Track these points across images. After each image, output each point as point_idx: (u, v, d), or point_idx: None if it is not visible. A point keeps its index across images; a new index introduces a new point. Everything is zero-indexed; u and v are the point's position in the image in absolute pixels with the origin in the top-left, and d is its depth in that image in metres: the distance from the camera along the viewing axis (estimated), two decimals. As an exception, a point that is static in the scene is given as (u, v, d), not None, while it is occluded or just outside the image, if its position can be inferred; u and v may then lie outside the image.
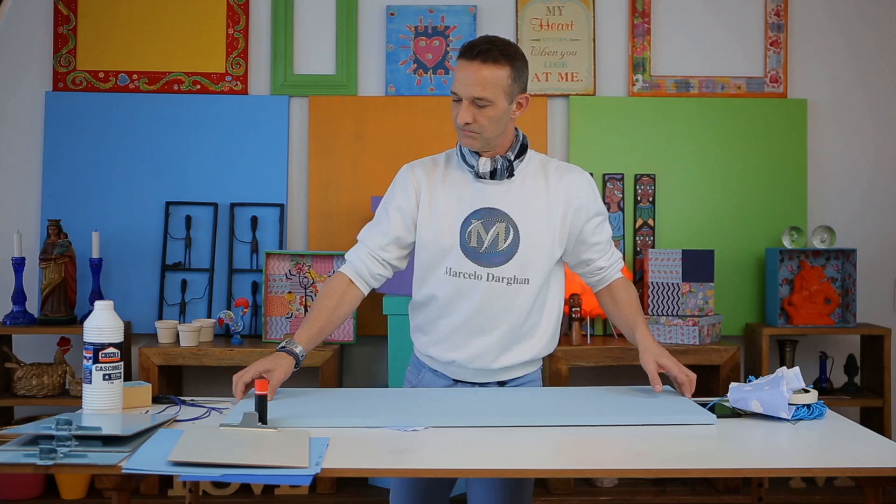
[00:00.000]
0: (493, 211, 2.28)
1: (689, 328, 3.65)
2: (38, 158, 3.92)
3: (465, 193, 2.30)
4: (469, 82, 2.20)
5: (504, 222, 2.28)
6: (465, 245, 2.27)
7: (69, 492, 3.62)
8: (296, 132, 3.98)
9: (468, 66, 2.20)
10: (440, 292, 2.31)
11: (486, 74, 2.19)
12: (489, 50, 2.20)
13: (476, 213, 2.28)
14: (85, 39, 3.93)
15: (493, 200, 2.29)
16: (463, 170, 2.33)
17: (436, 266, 2.31)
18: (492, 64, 2.20)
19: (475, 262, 2.27)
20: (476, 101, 2.20)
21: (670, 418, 2.04)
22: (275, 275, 3.79)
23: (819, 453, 1.88)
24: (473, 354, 2.31)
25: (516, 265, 2.28)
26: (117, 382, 2.11)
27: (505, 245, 2.27)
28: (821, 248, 3.80)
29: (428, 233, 2.31)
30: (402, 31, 3.97)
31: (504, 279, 2.28)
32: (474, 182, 2.31)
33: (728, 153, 3.99)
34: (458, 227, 2.28)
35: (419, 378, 2.42)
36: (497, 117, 2.23)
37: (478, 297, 2.28)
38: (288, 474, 1.66)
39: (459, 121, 2.22)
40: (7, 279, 3.79)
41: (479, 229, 2.28)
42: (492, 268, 2.27)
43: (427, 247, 2.32)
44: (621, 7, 4.03)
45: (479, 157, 2.29)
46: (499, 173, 2.29)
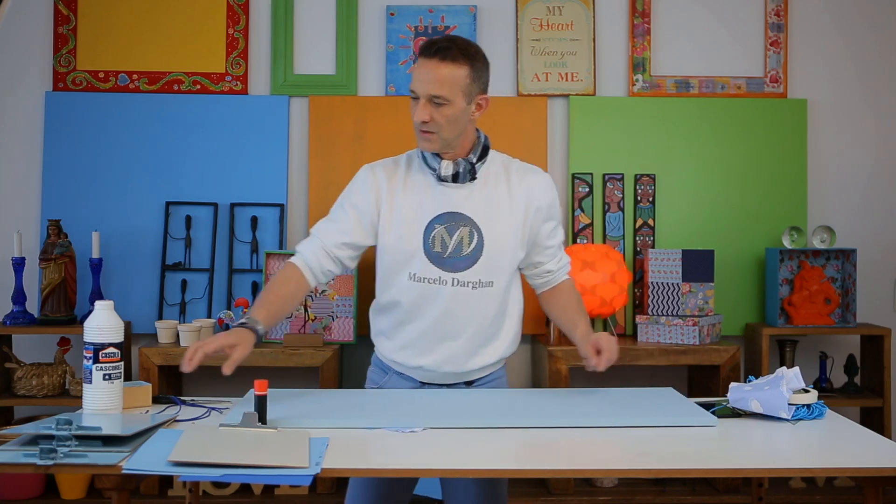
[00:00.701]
0: (456, 215, 2.26)
1: (689, 328, 3.65)
2: (38, 158, 3.92)
3: (428, 197, 2.27)
4: (427, 80, 2.18)
5: (468, 226, 2.26)
6: (428, 250, 2.25)
7: (69, 492, 3.62)
8: (296, 132, 3.98)
9: (427, 63, 2.19)
10: (404, 298, 2.29)
11: (445, 73, 2.18)
12: (448, 48, 2.19)
13: (439, 218, 2.26)
14: (85, 39, 3.93)
15: (456, 204, 2.27)
16: (425, 172, 2.30)
17: (399, 271, 2.29)
18: (450, 62, 2.19)
19: (440, 267, 2.25)
20: (434, 99, 2.19)
21: (671, 420, 2.04)
22: (275, 275, 3.78)
23: (819, 453, 1.88)
24: (441, 360, 2.30)
25: (481, 269, 2.26)
26: (117, 382, 2.11)
27: (469, 249, 2.26)
28: (821, 248, 3.80)
29: (390, 237, 2.28)
30: (402, 31, 3.97)
31: (469, 283, 2.26)
32: (436, 185, 2.28)
33: (728, 153, 3.99)
34: (422, 232, 2.25)
35: (385, 380, 2.41)
36: (454, 117, 2.21)
37: (443, 303, 2.26)
38: (288, 474, 1.66)
39: (417, 119, 2.21)
40: (7, 279, 3.79)
41: (443, 234, 2.25)
42: (456, 273, 2.26)
43: (390, 251, 2.29)
44: (621, 7, 4.03)
45: (441, 160, 2.26)
46: (461, 176, 2.27)
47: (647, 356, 3.61)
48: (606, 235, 3.95)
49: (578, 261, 3.72)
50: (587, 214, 3.94)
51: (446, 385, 2.35)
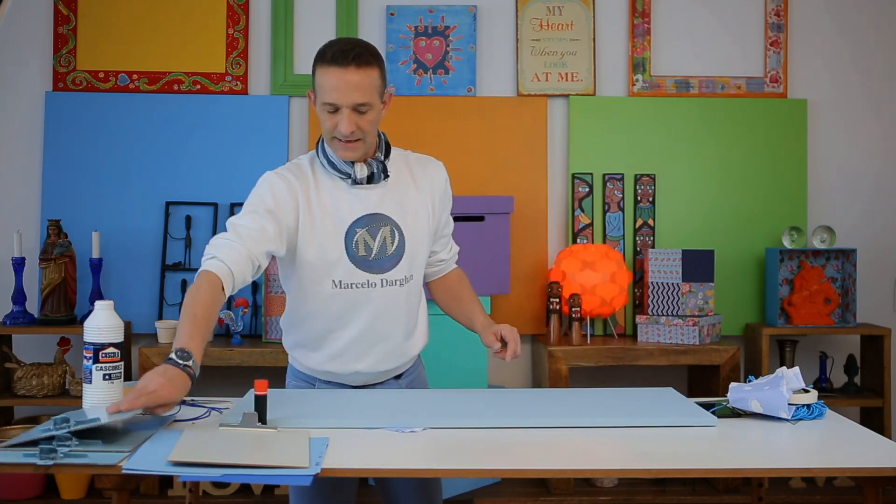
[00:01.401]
0: (375, 216, 2.23)
1: (689, 328, 3.65)
2: (38, 158, 3.92)
3: (343, 202, 2.22)
4: (348, 89, 2.11)
5: (388, 225, 2.24)
6: (353, 255, 2.21)
7: (69, 492, 3.62)
8: (296, 132, 3.98)
9: (344, 72, 2.11)
10: (329, 306, 2.24)
11: (364, 79, 2.13)
12: (362, 53, 2.13)
13: (359, 221, 2.22)
14: (85, 39, 3.93)
15: (374, 205, 2.23)
16: (332, 177, 2.24)
17: (319, 281, 2.22)
18: (366, 67, 2.13)
19: (366, 270, 2.22)
20: (358, 107, 2.14)
21: (671, 420, 2.04)
22: (275, 274, 3.79)
23: (819, 453, 1.88)
24: (377, 360, 2.30)
25: (405, 265, 2.26)
26: (117, 382, 2.11)
27: (393, 248, 2.24)
28: (821, 248, 3.80)
29: (311, 249, 2.20)
30: (402, 31, 3.97)
31: (397, 281, 2.26)
32: (349, 189, 2.23)
33: (728, 153, 3.99)
34: (343, 238, 2.21)
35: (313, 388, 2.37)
36: (376, 120, 2.19)
37: (374, 305, 2.24)
38: (288, 474, 1.66)
39: (345, 131, 2.14)
40: (7, 279, 3.79)
41: (366, 237, 2.22)
42: (384, 273, 2.24)
43: (310, 263, 2.21)
44: (621, 7, 4.03)
45: (354, 164, 2.21)
46: (376, 177, 2.23)
47: (647, 356, 3.61)
48: (606, 235, 3.95)
49: (578, 261, 3.72)
50: (587, 214, 3.94)
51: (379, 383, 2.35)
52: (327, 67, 2.13)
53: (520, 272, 3.91)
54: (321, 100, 2.16)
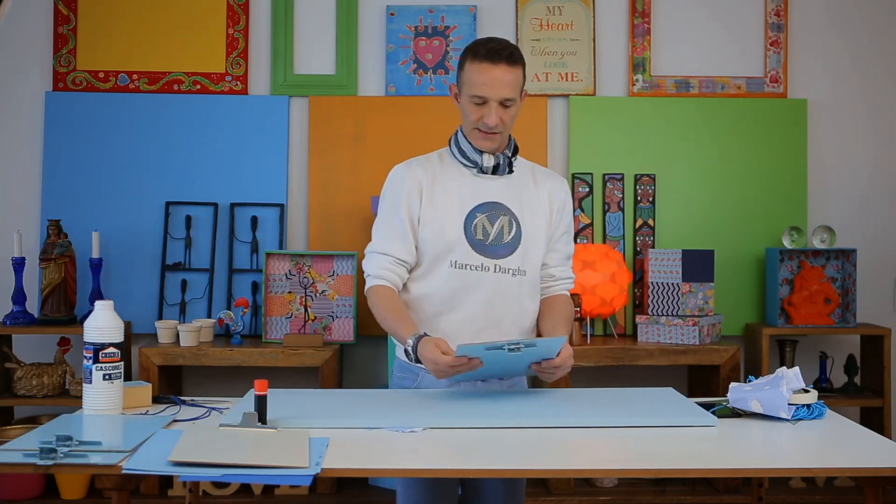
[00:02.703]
0: (496, 205, 2.35)
1: (689, 328, 3.65)
2: (38, 158, 3.92)
3: (466, 188, 2.36)
4: (499, 84, 2.27)
5: (507, 215, 2.35)
6: (471, 238, 2.32)
7: (69, 492, 3.62)
8: (296, 132, 3.98)
9: (495, 68, 2.27)
10: (444, 287, 2.32)
11: (514, 76, 2.28)
12: (512, 52, 2.29)
13: (480, 207, 2.34)
14: (85, 39, 3.93)
15: (495, 194, 2.36)
16: (459, 167, 2.38)
17: (438, 261, 2.33)
18: (514, 65, 2.29)
19: (482, 254, 2.32)
20: (504, 101, 2.28)
21: (671, 420, 2.04)
22: (275, 275, 3.79)
23: (819, 453, 1.88)
24: None
25: (518, 257, 2.34)
26: (117, 382, 2.11)
27: (509, 237, 2.34)
28: (821, 248, 3.80)
29: (430, 229, 2.33)
30: (402, 31, 3.97)
31: (510, 270, 2.33)
32: (474, 177, 2.37)
33: (728, 153, 3.99)
34: (463, 221, 2.32)
35: (417, 383, 2.40)
36: (515, 114, 2.34)
37: (486, 289, 2.31)
38: (288, 474, 1.66)
39: (491, 123, 2.29)
40: (7, 279, 3.79)
41: (485, 222, 2.33)
42: (498, 259, 2.33)
43: (431, 241, 2.33)
44: (621, 7, 4.03)
45: (482, 153, 2.35)
46: (501, 168, 2.36)
47: (647, 356, 3.61)
48: (606, 235, 3.95)
49: (578, 261, 3.72)
50: (587, 214, 3.94)
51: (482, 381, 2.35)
52: (480, 63, 2.28)
53: (520, 272, 3.90)
54: (470, 92, 2.30)
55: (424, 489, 2.34)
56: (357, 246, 3.87)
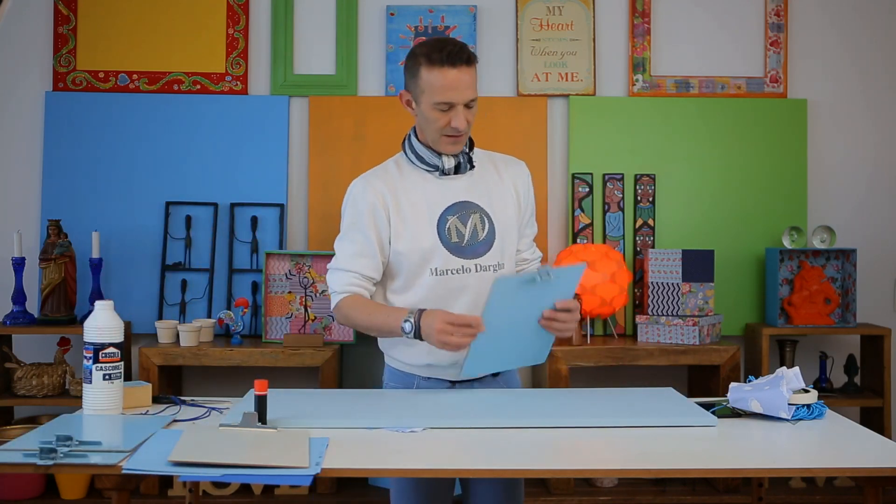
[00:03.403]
0: (465, 204, 2.33)
1: (689, 328, 3.65)
2: (38, 158, 3.92)
3: (431, 192, 2.33)
4: (464, 87, 2.25)
5: (477, 213, 2.33)
6: (447, 242, 2.30)
7: (69, 492, 3.62)
8: (296, 132, 3.98)
9: (457, 72, 2.24)
10: (428, 295, 2.29)
11: (473, 76, 2.27)
12: (468, 53, 2.27)
13: (449, 209, 2.32)
14: (85, 39, 3.93)
15: (462, 194, 2.34)
16: (419, 171, 2.35)
17: (418, 271, 2.30)
18: (472, 64, 2.28)
19: (460, 256, 2.30)
20: (469, 103, 2.27)
21: (671, 420, 2.04)
22: (275, 275, 3.79)
23: (819, 453, 1.88)
24: None
25: (496, 252, 2.34)
26: (117, 382, 2.11)
27: (484, 234, 2.33)
28: (821, 248, 3.80)
29: (403, 242, 2.30)
30: (402, 31, 3.97)
31: (490, 267, 2.32)
32: (436, 180, 2.34)
33: (728, 153, 3.99)
34: (435, 227, 2.30)
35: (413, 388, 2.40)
36: (475, 113, 2.32)
37: (471, 291, 2.30)
38: (288, 474, 1.66)
39: (461, 127, 2.26)
40: (7, 279, 3.79)
41: (457, 224, 2.31)
42: (477, 258, 2.31)
43: (406, 255, 2.30)
44: (621, 7, 4.03)
45: (441, 155, 2.33)
46: (462, 167, 2.34)
47: (647, 356, 3.61)
48: (606, 235, 3.95)
49: (578, 261, 3.72)
50: (587, 214, 3.94)
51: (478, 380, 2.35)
52: (441, 68, 2.25)
53: (520, 272, 3.90)
54: (434, 99, 2.26)
55: (418, 490, 2.34)
56: (357, 246, 3.87)
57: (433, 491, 2.35)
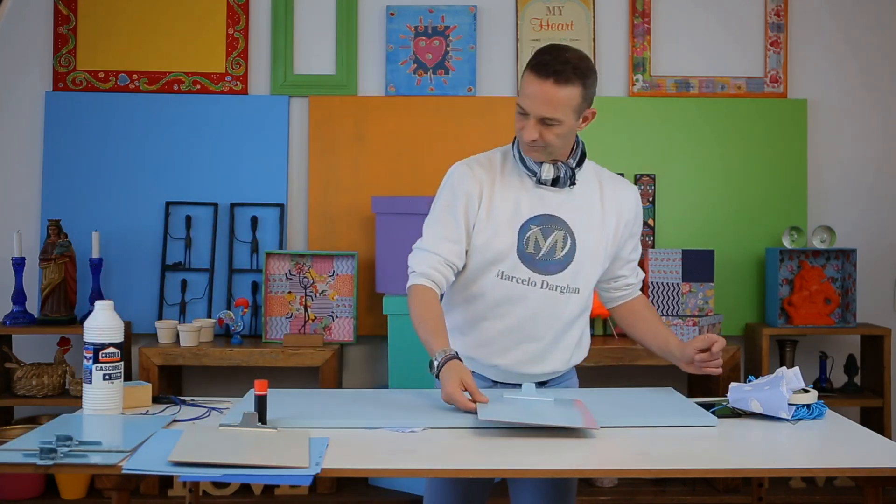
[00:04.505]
0: (552, 218, 2.24)
1: (689, 328, 3.65)
2: (38, 158, 3.92)
3: (524, 198, 2.25)
4: (540, 101, 2.13)
5: (563, 230, 2.24)
6: (522, 250, 2.22)
7: (69, 492, 3.62)
8: (296, 132, 3.98)
9: (540, 84, 2.13)
10: (489, 294, 2.25)
11: (559, 95, 2.12)
12: (563, 71, 2.12)
13: (535, 219, 2.24)
14: (85, 39, 3.93)
15: (553, 207, 2.25)
16: (520, 173, 2.27)
17: (487, 268, 2.25)
18: (564, 84, 2.12)
19: (531, 268, 2.23)
20: (545, 120, 2.15)
21: (671, 420, 2.04)
22: (275, 275, 3.79)
23: (819, 453, 1.88)
24: (518, 361, 2.28)
25: (570, 274, 2.24)
26: (117, 382, 2.11)
27: (562, 254, 2.24)
28: (821, 248, 3.80)
29: (484, 235, 2.24)
30: (402, 31, 3.97)
31: (558, 288, 2.24)
32: (534, 187, 2.25)
33: (728, 153, 3.99)
34: (517, 232, 2.23)
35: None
36: (564, 134, 2.19)
37: (530, 304, 2.24)
38: (288, 474, 1.66)
39: (526, 138, 2.17)
40: (7, 279, 3.79)
41: (538, 235, 2.23)
42: (547, 275, 2.23)
43: (481, 249, 2.25)
44: (621, 7, 4.03)
45: (542, 164, 2.23)
46: (562, 181, 2.24)
47: (648, 356, 3.61)
48: (606, 235, 3.95)
49: (578, 261, 3.72)
50: (587, 214, 3.94)
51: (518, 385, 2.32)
52: (529, 73, 2.16)
53: (520, 272, 3.90)
54: (518, 101, 2.19)
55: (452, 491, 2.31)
56: (357, 246, 3.87)
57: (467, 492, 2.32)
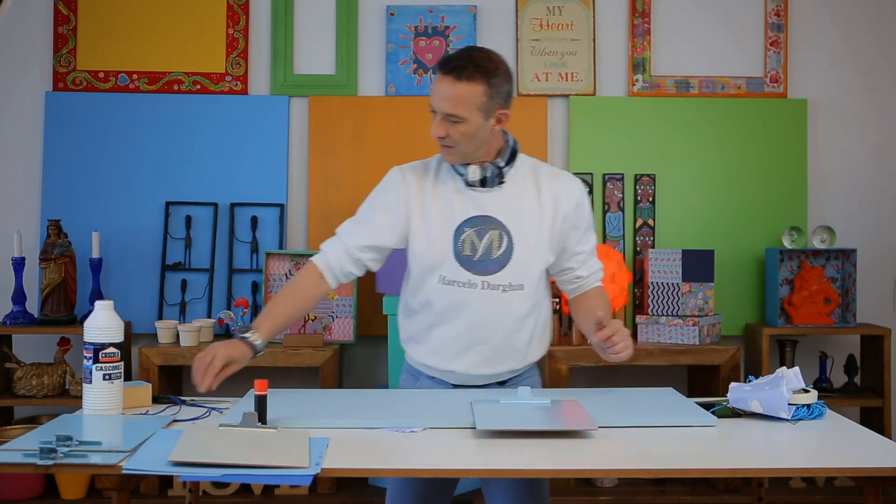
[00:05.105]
0: (485, 219, 2.26)
1: (689, 328, 3.65)
2: (38, 158, 3.92)
3: (457, 201, 2.27)
4: (442, 98, 2.18)
5: (497, 230, 2.25)
6: (458, 254, 2.25)
7: (69, 492, 3.62)
8: (296, 132, 3.98)
9: (443, 80, 2.18)
10: (435, 301, 2.28)
11: (459, 91, 2.16)
12: (464, 66, 2.16)
13: (469, 221, 2.26)
14: (85, 39, 3.93)
15: (485, 208, 2.26)
16: (454, 177, 2.29)
17: (428, 275, 2.28)
18: (465, 81, 2.16)
19: (470, 270, 2.25)
20: (449, 117, 2.18)
21: (671, 420, 2.04)
22: (275, 275, 3.79)
23: (819, 453, 1.88)
24: (471, 363, 2.30)
25: (510, 272, 2.25)
26: (117, 382, 2.11)
27: (499, 253, 2.25)
28: (821, 248, 3.80)
29: (420, 243, 2.28)
30: (402, 31, 3.97)
31: (500, 287, 2.26)
32: (465, 189, 2.27)
33: (728, 153, 3.99)
34: (451, 236, 2.25)
35: (416, 386, 2.40)
36: (471, 133, 2.20)
37: (475, 306, 2.25)
38: (288, 474, 1.66)
39: (433, 134, 2.21)
40: (7, 279, 3.79)
41: (473, 237, 2.25)
42: (486, 276, 2.25)
43: (420, 256, 2.29)
44: (621, 7, 4.03)
45: (469, 165, 2.25)
46: (489, 181, 2.26)
47: (647, 356, 3.61)
48: (606, 235, 3.95)
49: (578, 261, 3.72)
50: (587, 214, 3.94)
51: (479, 386, 2.34)
52: (437, 71, 2.21)
53: (520, 272, 3.90)
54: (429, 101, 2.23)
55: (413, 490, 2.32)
56: (357, 246, 3.87)
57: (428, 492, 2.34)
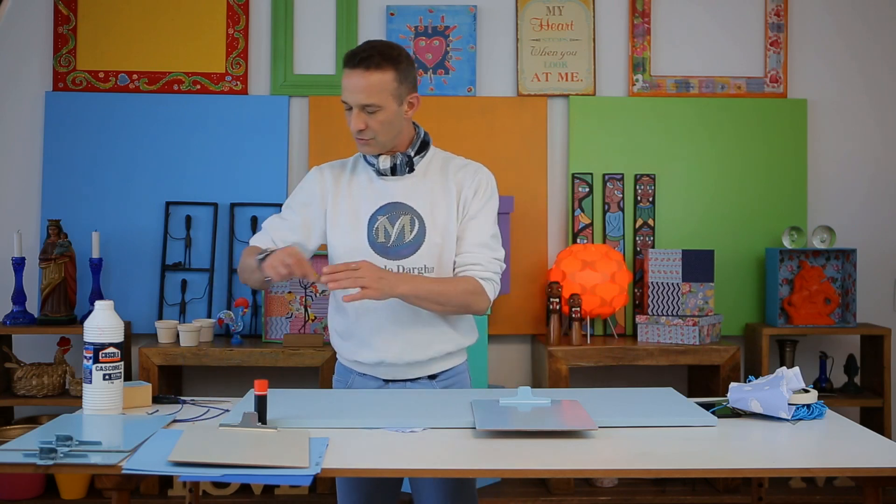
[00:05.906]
0: (396, 205, 2.34)
1: (689, 328, 3.65)
2: (38, 158, 3.92)
3: (370, 192, 2.36)
4: (356, 90, 2.24)
5: (409, 214, 2.34)
6: (373, 241, 2.33)
7: (69, 492, 3.62)
8: (296, 132, 3.98)
9: (353, 74, 2.25)
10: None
11: (371, 81, 2.24)
12: (371, 56, 2.24)
13: (381, 210, 2.35)
14: (85, 39, 3.93)
15: (396, 195, 2.35)
16: (367, 170, 2.39)
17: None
18: (375, 70, 2.24)
19: (384, 256, 2.32)
20: (366, 108, 2.25)
21: (671, 420, 2.04)
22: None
23: (819, 453, 1.88)
24: (400, 350, 2.32)
25: (423, 255, 2.32)
26: (117, 382, 2.11)
27: (411, 236, 2.33)
28: (821, 248, 3.80)
29: (336, 235, 2.37)
30: (402, 31, 3.97)
31: (415, 269, 2.32)
32: (377, 180, 2.37)
33: (728, 153, 3.99)
34: (365, 225, 2.34)
35: (348, 384, 2.42)
36: (389, 121, 2.28)
37: None
38: (288, 474, 1.66)
39: (352, 128, 2.28)
40: (7, 279, 3.79)
41: (385, 224, 2.34)
42: (401, 259, 2.32)
43: (336, 247, 2.38)
44: (621, 7, 4.03)
45: (379, 156, 2.34)
46: (398, 169, 2.35)
47: (647, 356, 3.61)
48: (606, 235, 3.95)
49: (578, 261, 3.72)
50: (587, 214, 3.94)
51: (410, 380, 2.36)
52: (344, 68, 2.29)
53: (520, 272, 3.91)
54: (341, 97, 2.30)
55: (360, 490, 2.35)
56: (357, 246, 3.87)
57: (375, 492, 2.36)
